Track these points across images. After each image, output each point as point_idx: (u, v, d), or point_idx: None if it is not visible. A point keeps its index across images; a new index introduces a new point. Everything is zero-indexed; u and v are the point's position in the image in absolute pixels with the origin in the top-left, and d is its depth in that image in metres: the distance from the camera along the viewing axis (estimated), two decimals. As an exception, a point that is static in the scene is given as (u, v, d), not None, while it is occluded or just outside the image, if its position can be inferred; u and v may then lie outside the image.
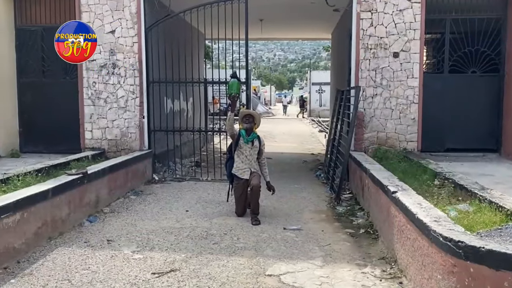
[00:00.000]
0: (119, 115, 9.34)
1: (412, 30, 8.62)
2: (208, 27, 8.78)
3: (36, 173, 6.56)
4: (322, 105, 36.19)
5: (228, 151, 6.99)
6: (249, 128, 6.57)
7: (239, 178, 6.58)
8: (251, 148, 6.58)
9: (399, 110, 8.76)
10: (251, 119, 6.61)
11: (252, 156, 6.61)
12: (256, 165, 6.67)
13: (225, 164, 7.03)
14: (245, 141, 6.55)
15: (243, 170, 6.58)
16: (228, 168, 6.81)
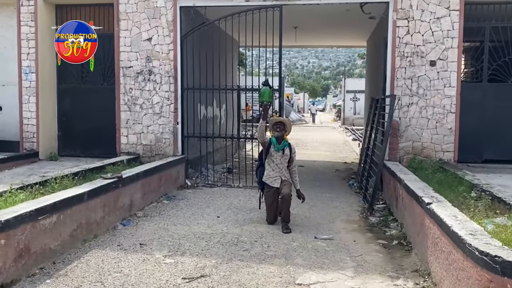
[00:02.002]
0: (154, 120, 9.51)
1: (449, 38, 8.44)
2: (242, 34, 8.85)
3: (73, 176, 6.74)
4: (356, 113, 35.83)
5: (259, 158, 6.95)
6: (280, 136, 6.50)
7: (270, 186, 6.54)
8: (282, 156, 6.52)
9: (436, 119, 8.57)
10: (282, 127, 6.53)
11: (282, 164, 6.55)
12: (286, 173, 6.61)
13: (256, 171, 6.99)
14: (276, 149, 6.50)
15: (274, 178, 6.54)
16: (259, 176, 6.77)
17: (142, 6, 9.40)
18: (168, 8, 9.33)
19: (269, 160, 6.55)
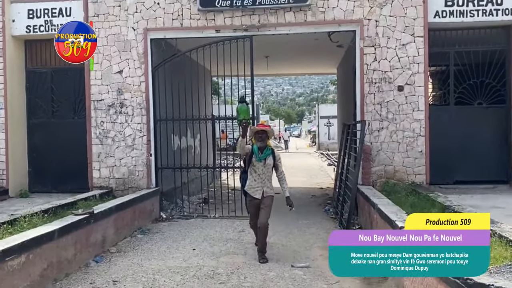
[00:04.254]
0: (126, 153, 9.42)
1: (416, 64, 8.69)
2: (214, 64, 8.94)
3: (43, 214, 6.59)
4: (331, 138, 36.20)
5: (244, 163, 6.62)
6: (263, 146, 6.25)
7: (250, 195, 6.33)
8: (264, 166, 6.26)
9: (406, 143, 8.74)
10: (264, 135, 6.28)
11: (265, 174, 6.28)
12: (269, 183, 6.32)
13: (240, 177, 6.74)
14: (257, 160, 6.22)
15: (255, 188, 6.28)
16: (242, 182, 6.53)
17: (113, 39, 9.42)
18: (138, 41, 9.38)
19: (251, 170, 6.31)
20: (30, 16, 9.75)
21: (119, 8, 9.38)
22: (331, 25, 9.04)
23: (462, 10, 8.76)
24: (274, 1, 8.92)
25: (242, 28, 9.14)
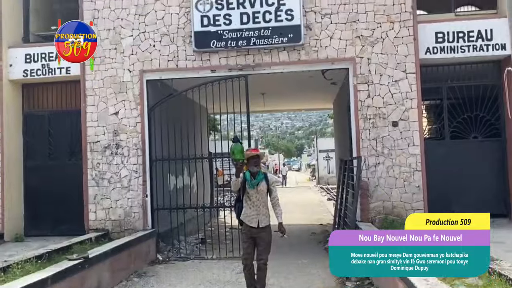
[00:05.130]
0: (122, 195, 9.36)
1: (409, 100, 8.77)
2: (210, 102, 9.02)
3: (37, 259, 6.49)
4: (330, 172, 36.17)
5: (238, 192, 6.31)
6: (257, 171, 6.06)
7: (247, 225, 6.04)
8: (257, 192, 6.02)
9: (403, 178, 8.71)
10: (258, 160, 6.11)
11: (259, 200, 6.05)
12: (264, 209, 6.08)
13: (234, 206, 6.47)
14: (250, 186, 5.98)
15: (251, 217, 6.02)
16: (237, 210, 6.24)
17: (109, 82, 9.53)
18: (134, 82, 9.48)
19: (246, 197, 6.07)
20: (27, 60, 9.89)
21: (115, 51, 9.52)
22: (325, 63, 9.17)
23: (452, 46, 8.92)
24: (268, 41, 9.07)
25: (237, 67, 9.27)
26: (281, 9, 9.07)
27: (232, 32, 9.18)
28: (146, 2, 9.50)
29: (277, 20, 9.08)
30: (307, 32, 9.05)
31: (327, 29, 9.03)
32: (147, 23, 9.49)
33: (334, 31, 9.01)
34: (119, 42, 9.52)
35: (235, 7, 9.20)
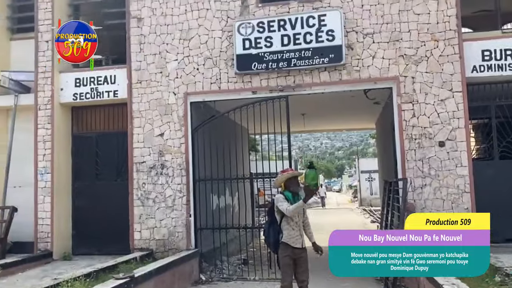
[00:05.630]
0: (166, 214, 9.51)
1: (456, 119, 8.54)
2: (251, 123, 9.11)
3: (85, 278, 6.64)
4: (373, 193, 35.43)
5: (268, 214, 6.19)
6: (297, 192, 5.99)
7: (291, 247, 5.87)
8: (298, 213, 5.92)
9: (451, 200, 8.43)
10: (297, 180, 6.10)
11: (300, 220, 5.96)
12: (302, 229, 6.02)
13: (266, 231, 6.10)
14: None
15: (296, 238, 5.87)
16: (273, 237, 5.96)
17: (155, 104, 9.79)
18: (179, 105, 9.70)
19: (288, 219, 5.89)
20: (77, 84, 10.32)
21: (160, 74, 9.81)
22: (367, 83, 9.10)
23: (500, 64, 8.67)
24: (309, 62, 9.11)
25: (278, 89, 9.33)
26: (322, 30, 9.10)
27: (273, 54, 9.28)
28: (190, 27, 9.76)
29: (318, 41, 9.11)
30: (349, 52, 9.03)
31: (369, 48, 8.98)
32: (191, 47, 9.73)
33: (377, 50, 8.95)
34: (165, 66, 9.80)
35: (276, 30, 9.31)
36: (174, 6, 9.89)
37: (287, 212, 5.78)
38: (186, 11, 9.82)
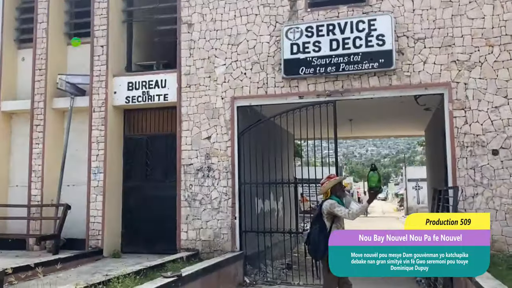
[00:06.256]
0: (212, 216, 9.66)
1: (511, 127, 8.23)
2: (297, 128, 9.10)
3: (135, 275, 6.84)
4: (420, 202, 34.55)
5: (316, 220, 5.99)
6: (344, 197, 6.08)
7: None
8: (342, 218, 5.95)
9: (504, 210, 8.12)
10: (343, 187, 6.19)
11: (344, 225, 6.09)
12: None
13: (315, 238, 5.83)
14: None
15: None
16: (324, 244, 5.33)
17: (202, 108, 9.98)
18: (226, 109, 9.84)
19: (338, 225, 5.88)
20: (129, 88, 10.67)
21: (209, 79, 10.00)
22: (417, 89, 8.91)
23: (560, 69, 8.28)
24: (358, 67, 9.03)
25: (325, 93, 9.29)
26: (372, 34, 9.01)
27: (321, 58, 9.25)
28: (239, 32, 9.90)
29: (368, 46, 9.02)
30: (399, 57, 8.89)
31: (421, 53, 8.81)
32: (239, 52, 9.87)
33: (428, 55, 8.77)
34: (213, 71, 9.98)
35: (324, 34, 9.29)
36: (223, 11, 10.07)
37: (350, 215, 5.72)
38: (235, 17, 9.97)
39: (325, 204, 5.94)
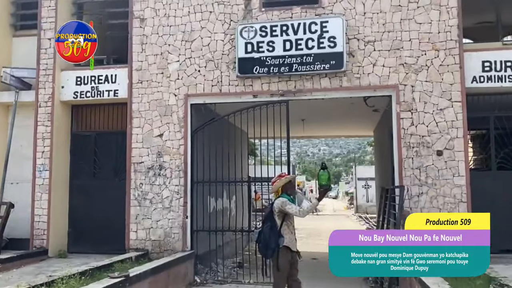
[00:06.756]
0: (163, 215, 9.51)
1: (454, 129, 8.58)
2: (251, 127, 9.12)
3: (80, 276, 6.64)
4: (369, 200, 35.49)
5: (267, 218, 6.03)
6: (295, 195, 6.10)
7: (290, 251, 5.89)
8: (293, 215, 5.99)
9: (447, 209, 8.46)
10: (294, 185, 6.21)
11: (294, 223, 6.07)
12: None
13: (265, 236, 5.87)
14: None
15: (293, 241, 5.95)
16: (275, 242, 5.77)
17: (155, 105, 9.81)
18: (179, 106, 9.72)
19: (288, 223, 5.93)
20: (78, 83, 10.33)
21: (161, 75, 9.83)
22: (367, 90, 9.14)
23: (500, 75, 8.72)
24: (310, 68, 9.14)
25: (278, 93, 9.36)
26: (324, 36, 9.15)
27: (275, 58, 9.31)
28: (193, 29, 9.80)
29: (320, 47, 9.15)
30: (350, 59, 9.08)
31: (370, 56, 9.03)
32: (193, 49, 9.76)
33: (377, 58, 9.00)
34: (166, 67, 9.83)
35: (278, 34, 9.35)
36: (177, 7, 9.92)
37: (301, 213, 5.81)
38: (189, 13, 9.86)
39: (276, 202, 5.99)
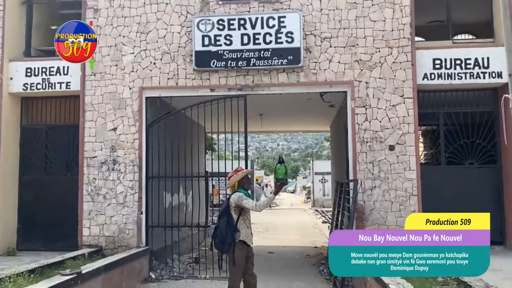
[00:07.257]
0: (117, 211, 9.32)
1: (406, 124, 8.83)
2: (208, 121, 9.05)
3: (29, 274, 6.42)
4: (326, 194, 35.99)
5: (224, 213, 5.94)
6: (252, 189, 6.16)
7: (246, 245, 5.85)
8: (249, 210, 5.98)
9: (399, 202, 8.72)
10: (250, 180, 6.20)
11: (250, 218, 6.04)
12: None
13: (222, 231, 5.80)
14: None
15: (249, 236, 5.92)
16: (231, 237, 5.73)
17: (108, 97, 9.57)
18: (134, 99, 9.52)
19: (245, 218, 5.90)
20: (28, 74, 9.94)
21: (115, 67, 9.60)
22: (323, 86, 9.26)
23: (450, 72, 9.04)
24: (268, 63, 9.17)
25: (236, 87, 9.33)
26: (282, 31, 9.19)
27: (233, 52, 9.27)
28: (148, 20, 9.61)
29: (277, 42, 9.19)
30: (307, 55, 9.16)
31: (327, 52, 9.15)
32: (148, 41, 9.58)
33: (333, 54, 9.13)
34: (120, 59, 9.60)
35: (236, 28, 9.31)
36: (132, -2, 9.70)
37: (257, 207, 5.80)
38: (145, 4, 9.66)
39: (232, 197, 5.96)
